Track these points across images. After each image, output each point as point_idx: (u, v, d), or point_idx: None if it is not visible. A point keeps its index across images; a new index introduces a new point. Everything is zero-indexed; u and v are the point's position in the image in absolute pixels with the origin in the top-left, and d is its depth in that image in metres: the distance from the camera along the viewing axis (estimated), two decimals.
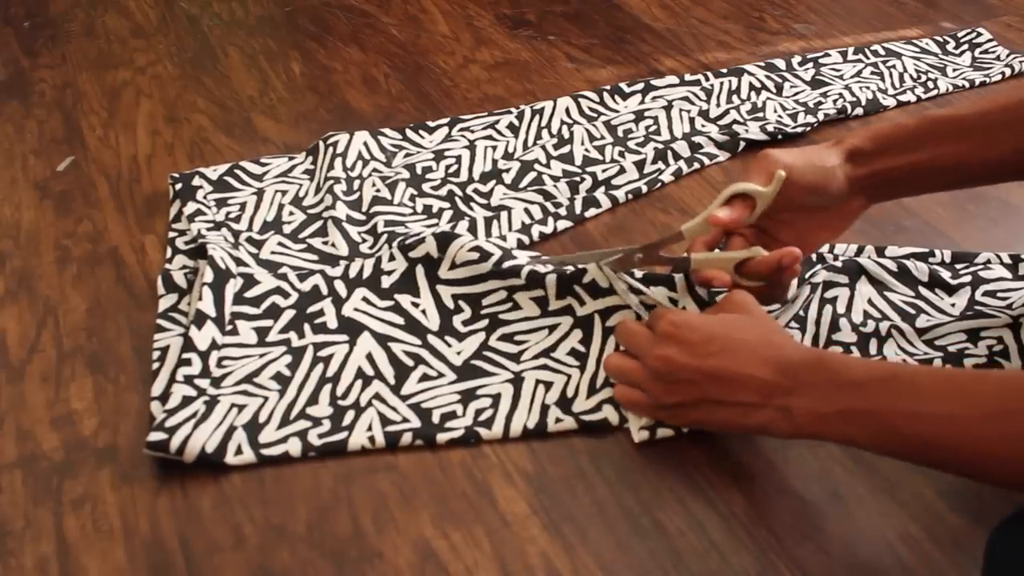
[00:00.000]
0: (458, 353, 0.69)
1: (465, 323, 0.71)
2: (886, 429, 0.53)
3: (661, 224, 0.84)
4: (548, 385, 0.67)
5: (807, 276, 0.74)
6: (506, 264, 0.72)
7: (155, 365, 0.67)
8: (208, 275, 0.71)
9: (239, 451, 0.62)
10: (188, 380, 0.65)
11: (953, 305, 0.74)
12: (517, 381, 0.67)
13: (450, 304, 0.73)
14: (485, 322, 0.71)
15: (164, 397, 0.65)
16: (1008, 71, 1.08)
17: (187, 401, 0.63)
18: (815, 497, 0.61)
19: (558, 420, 0.65)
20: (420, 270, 0.74)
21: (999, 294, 0.74)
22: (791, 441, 0.64)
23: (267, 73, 1.08)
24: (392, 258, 0.75)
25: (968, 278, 0.76)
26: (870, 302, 0.74)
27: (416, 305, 0.72)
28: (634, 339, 0.63)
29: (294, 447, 0.62)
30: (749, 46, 1.15)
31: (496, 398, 0.66)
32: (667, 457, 0.63)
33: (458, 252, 0.73)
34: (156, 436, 0.61)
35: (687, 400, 0.59)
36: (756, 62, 1.09)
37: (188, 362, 0.66)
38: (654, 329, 0.61)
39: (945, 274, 0.76)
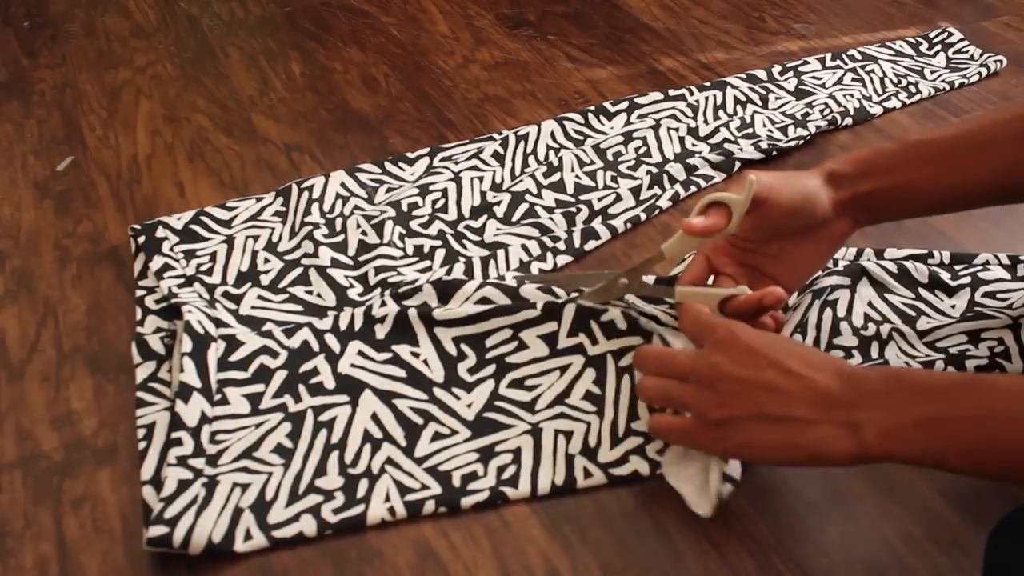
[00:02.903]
0: (468, 406, 0.65)
1: (471, 371, 0.68)
2: (981, 436, 0.48)
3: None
4: (568, 435, 0.63)
5: (808, 283, 0.74)
6: (516, 301, 0.69)
7: (141, 444, 0.62)
8: (187, 344, 0.65)
9: (248, 536, 0.57)
10: (181, 461, 0.59)
11: (953, 307, 0.74)
12: (535, 433, 0.63)
13: (452, 350, 0.69)
14: (492, 368, 0.68)
15: (157, 482, 0.59)
16: (984, 71, 1.08)
17: (184, 485, 0.58)
18: (815, 497, 0.61)
19: (587, 475, 0.61)
20: (413, 313, 0.70)
21: (999, 295, 0.74)
22: None
23: (267, 73, 1.08)
24: (383, 304, 0.71)
25: (967, 279, 0.76)
26: (870, 304, 0.74)
27: (416, 355, 0.68)
28: (672, 360, 0.58)
29: (308, 526, 0.58)
30: (749, 46, 1.15)
31: (517, 453, 0.62)
32: None
33: (463, 304, 0.70)
34: (157, 531, 0.55)
35: (735, 414, 0.54)
36: (756, 62, 1.09)
37: (179, 441, 0.60)
38: (705, 340, 0.57)
39: (945, 275, 0.76)
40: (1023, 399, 0.47)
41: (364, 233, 0.79)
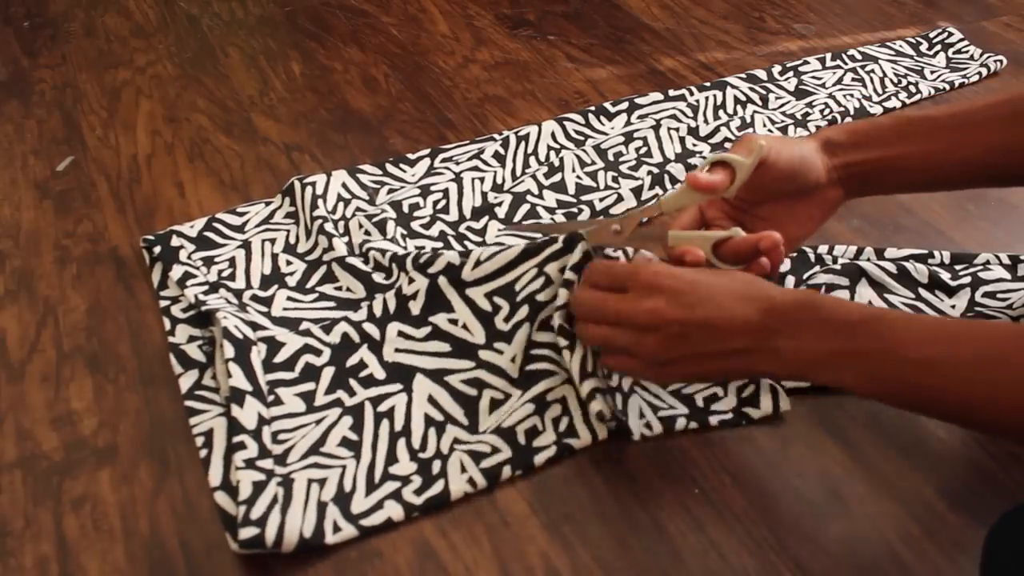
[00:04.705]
0: (512, 360, 0.67)
1: (507, 319, 0.69)
2: (873, 372, 0.53)
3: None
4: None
5: (805, 277, 0.74)
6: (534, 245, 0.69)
7: (202, 452, 0.62)
8: (228, 350, 0.65)
9: (337, 528, 0.57)
10: (249, 464, 0.59)
11: (953, 307, 0.74)
12: (572, 381, 0.65)
13: (487, 306, 0.69)
14: (525, 309, 0.68)
15: (230, 487, 0.59)
16: (984, 71, 1.08)
17: (259, 487, 0.57)
18: (815, 497, 0.61)
19: (642, 417, 0.63)
20: (443, 280, 0.70)
21: (999, 295, 0.74)
22: (790, 441, 0.64)
23: (267, 73, 1.08)
24: (412, 280, 0.71)
25: (968, 279, 0.76)
26: (870, 304, 0.74)
27: (455, 322, 0.69)
28: (607, 308, 0.60)
29: (395, 511, 0.58)
30: (749, 46, 1.15)
31: (563, 402, 0.64)
32: (667, 456, 0.63)
33: (483, 252, 0.70)
34: (248, 533, 0.55)
35: (677, 355, 0.58)
36: (756, 62, 1.09)
37: (242, 445, 0.60)
38: (631, 286, 0.59)
39: (945, 275, 0.76)
40: (918, 345, 0.52)
41: (367, 233, 0.79)
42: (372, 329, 0.70)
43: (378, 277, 0.74)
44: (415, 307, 0.70)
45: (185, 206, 0.86)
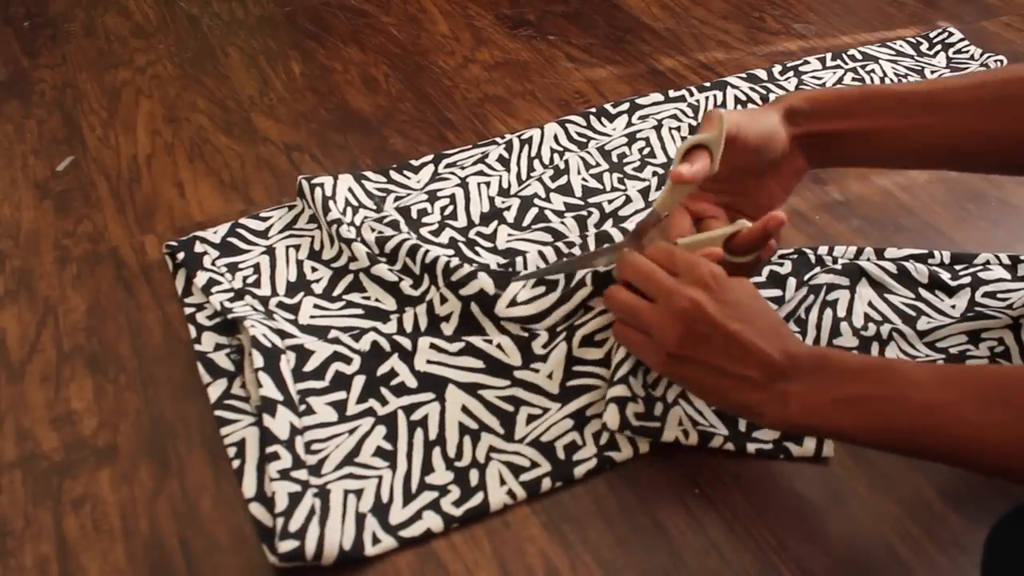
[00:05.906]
0: (549, 376, 0.67)
1: (545, 346, 0.68)
2: (878, 416, 0.53)
3: None
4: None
5: (805, 278, 0.74)
6: (572, 283, 0.69)
7: (236, 463, 0.61)
8: (258, 359, 0.64)
9: (376, 540, 0.57)
10: (284, 475, 0.58)
11: (953, 307, 0.74)
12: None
13: (523, 334, 0.69)
14: (563, 335, 0.68)
15: (264, 499, 0.59)
16: (984, 71, 1.08)
17: (295, 498, 0.57)
18: (815, 497, 0.61)
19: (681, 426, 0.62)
20: (476, 309, 0.70)
21: (999, 295, 0.74)
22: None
23: (267, 73, 1.08)
24: (444, 299, 0.71)
25: (968, 279, 0.76)
26: (870, 304, 0.74)
27: (489, 342, 0.69)
28: (654, 279, 0.60)
29: (434, 522, 0.58)
30: (749, 46, 1.15)
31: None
32: (667, 456, 0.63)
33: (520, 291, 0.70)
34: (287, 546, 0.54)
35: (694, 356, 0.57)
36: (756, 62, 1.09)
37: (275, 456, 0.59)
38: (684, 274, 0.59)
39: (945, 275, 0.76)
40: (923, 388, 0.52)
41: (380, 233, 0.78)
42: (403, 340, 0.69)
43: (406, 287, 0.73)
44: (447, 328, 0.70)
45: (185, 206, 0.86)
